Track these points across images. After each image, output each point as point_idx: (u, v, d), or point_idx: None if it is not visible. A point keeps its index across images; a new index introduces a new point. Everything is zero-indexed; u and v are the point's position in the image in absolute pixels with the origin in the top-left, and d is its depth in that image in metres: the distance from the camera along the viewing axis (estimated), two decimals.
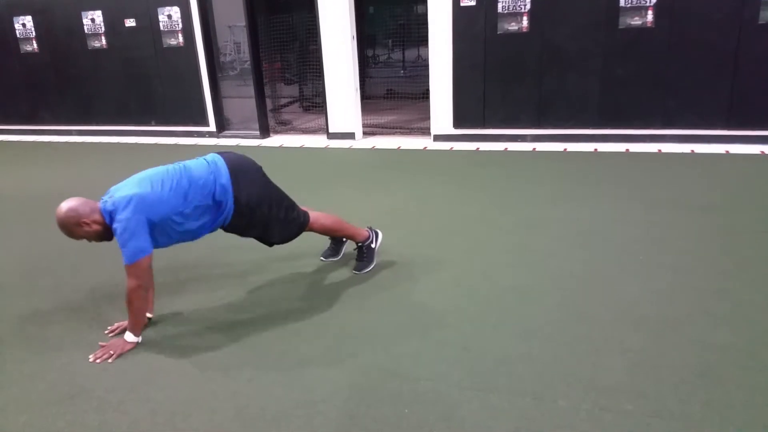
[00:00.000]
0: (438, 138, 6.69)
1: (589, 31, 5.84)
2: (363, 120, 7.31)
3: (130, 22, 7.69)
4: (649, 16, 5.63)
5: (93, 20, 7.87)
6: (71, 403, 2.25)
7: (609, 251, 3.38)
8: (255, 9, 7.35)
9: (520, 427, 1.98)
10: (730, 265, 3.11)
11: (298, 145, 7.07)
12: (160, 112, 8.00)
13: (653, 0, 5.56)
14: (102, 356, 2.52)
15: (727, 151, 5.48)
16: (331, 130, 7.20)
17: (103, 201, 2.55)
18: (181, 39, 7.53)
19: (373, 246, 3.29)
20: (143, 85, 7.95)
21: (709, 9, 5.45)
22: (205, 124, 7.82)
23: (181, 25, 7.47)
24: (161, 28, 7.56)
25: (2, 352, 2.65)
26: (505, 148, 6.17)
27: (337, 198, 4.71)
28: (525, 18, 6.00)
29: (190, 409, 2.17)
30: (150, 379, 2.37)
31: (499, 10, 6.03)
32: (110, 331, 2.75)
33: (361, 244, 3.27)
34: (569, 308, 2.75)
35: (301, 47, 8.00)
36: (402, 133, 7.33)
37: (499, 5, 6.01)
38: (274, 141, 7.43)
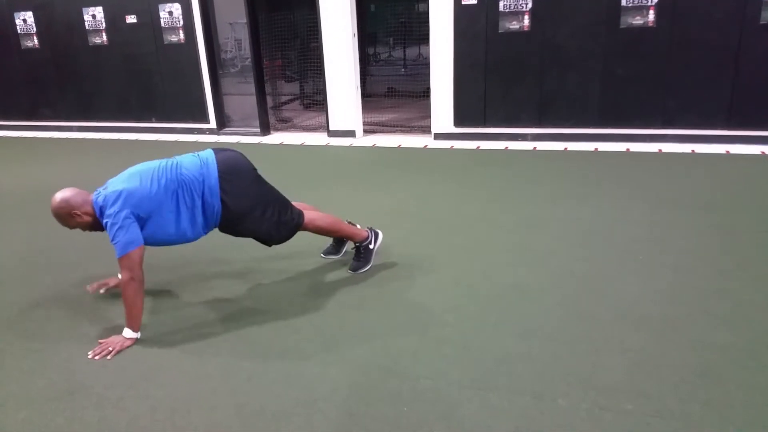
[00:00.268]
0: (438, 136, 6.68)
1: (591, 30, 5.84)
2: (364, 118, 7.30)
3: (131, 19, 7.68)
4: (651, 16, 5.62)
5: (94, 16, 7.86)
6: (70, 399, 2.25)
7: (609, 251, 3.38)
8: (256, 6, 7.34)
9: (520, 426, 1.98)
10: (730, 265, 3.11)
11: (299, 143, 7.06)
12: (160, 108, 7.99)
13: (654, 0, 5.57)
14: (100, 353, 2.52)
15: (728, 152, 5.48)
16: (331, 128, 7.20)
17: (97, 193, 2.62)
18: (182, 35, 7.52)
19: (371, 246, 3.27)
20: (144, 82, 7.94)
21: (711, 9, 5.45)
22: (206, 121, 7.81)
23: (182, 22, 7.46)
24: (162, 25, 7.55)
25: (1, 348, 2.65)
26: (506, 147, 6.17)
27: (337, 196, 4.70)
28: (526, 17, 5.99)
29: (190, 407, 2.17)
30: (149, 376, 2.37)
31: (501, 8, 6.02)
32: (92, 288, 2.98)
33: (358, 244, 3.25)
34: (569, 307, 2.75)
35: (302, 45, 8.00)
36: (402, 132, 7.33)
37: (501, 4, 6.01)
38: (275, 138, 7.42)
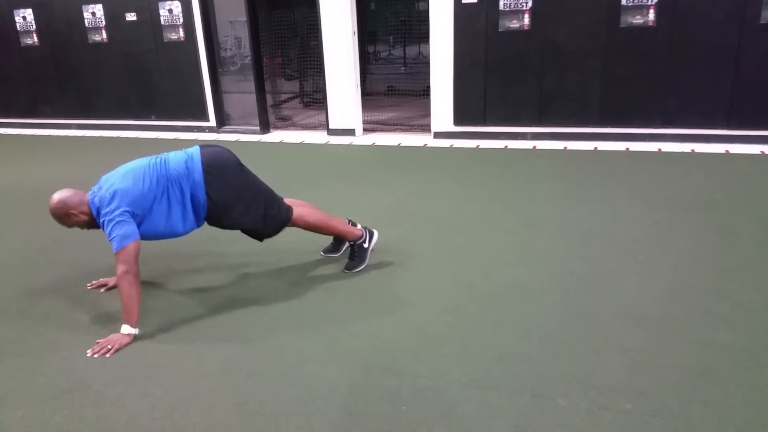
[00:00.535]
0: (438, 135, 6.68)
1: (591, 29, 5.83)
2: (363, 116, 7.30)
3: (131, 16, 7.67)
4: (651, 15, 5.62)
5: (94, 14, 7.84)
6: (69, 397, 2.24)
7: (609, 250, 3.38)
8: (256, 4, 7.34)
9: (519, 426, 1.98)
10: (730, 265, 3.11)
11: (298, 141, 7.05)
12: (160, 106, 7.98)
13: None
14: (99, 351, 2.52)
15: (727, 151, 5.48)
16: (331, 127, 7.19)
17: (92, 192, 2.71)
18: (182, 33, 7.51)
19: (366, 246, 3.25)
20: (143, 80, 7.93)
21: (711, 8, 5.45)
22: (205, 119, 7.80)
23: (182, 20, 7.45)
24: (162, 23, 7.54)
25: (0, 345, 2.65)
26: (506, 146, 6.17)
27: (337, 195, 4.70)
28: (526, 16, 5.98)
29: (189, 405, 2.17)
30: (149, 374, 2.37)
31: (501, 7, 6.02)
32: (92, 285, 3.08)
33: (353, 243, 3.25)
34: (569, 307, 2.75)
35: (302, 43, 7.99)
36: (402, 130, 7.32)
37: (501, 3, 6.00)
38: (274, 137, 7.41)
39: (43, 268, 3.50)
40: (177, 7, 7.41)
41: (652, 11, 5.61)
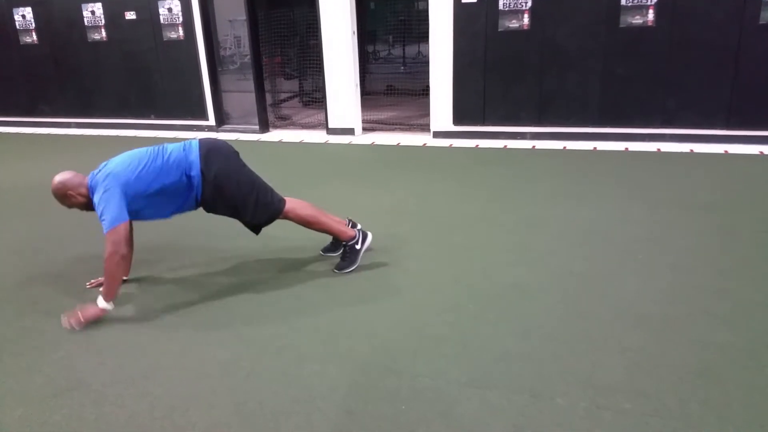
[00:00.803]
0: (438, 134, 6.68)
1: (590, 29, 5.83)
2: (363, 116, 7.30)
3: (131, 15, 7.67)
4: (650, 15, 5.62)
5: (93, 12, 7.84)
6: (68, 396, 2.24)
7: (609, 250, 3.38)
8: (255, 3, 7.33)
9: (518, 425, 1.98)
10: (729, 264, 3.11)
11: (298, 141, 7.05)
12: (159, 105, 7.98)
13: None
14: (72, 323, 2.71)
15: (726, 151, 5.48)
16: (330, 126, 7.19)
17: (92, 175, 2.87)
18: (182, 32, 7.51)
19: (358, 247, 3.25)
20: (143, 79, 7.92)
21: (710, 8, 5.45)
22: (205, 118, 7.80)
23: (181, 19, 7.44)
24: (161, 21, 7.54)
25: (0, 344, 2.64)
26: (505, 146, 6.17)
27: (336, 194, 4.70)
28: (526, 16, 5.98)
29: (189, 405, 2.16)
30: (148, 373, 2.37)
31: (500, 7, 6.02)
32: (91, 285, 3.12)
33: (345, 244, 3.25)
34: (568, 306, 2.75)
35: (302, 42, 7.98)
36: (402, 130, 7.32)
37: (500, 2, 6.00)
38: (274, 136, 7.41)
39: (43, 267, 3.50)
40: (176, 6, 7.41)
41: (651, 11, 5.61)
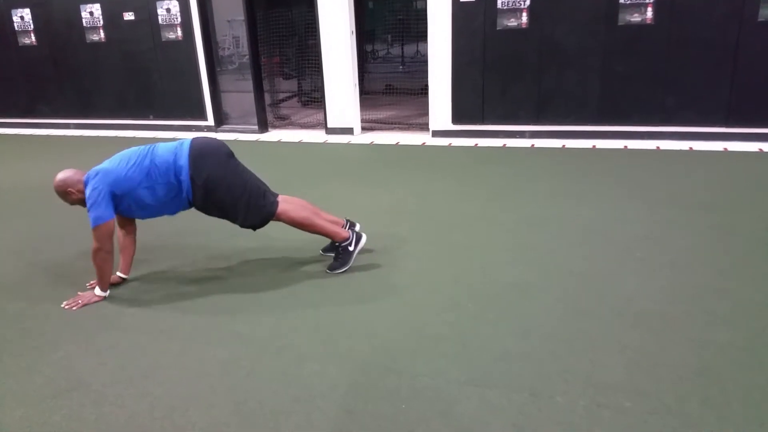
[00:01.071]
0: (436, 134, 6.68)
1: (589, 27, 5.84)
2: (361, 115, 7.30)
3: (129, 16, 7.67)
4: (649, 13, 5.62)
5: (91, 13, 7.84)
6: (68, 396, 2.24)
7: (608, 249, 3.38)
8: (254, 3, 7.33)
9: (518, 424, 1.98)
10: (728, 263, 3.11)
11: (297, 140, 7.05)
12: (158, 105, 7.98)
13: None
14: (71, 303, 2.95)
15: (726, 149, 5.48)
16: (329, 125, 7.19)
17: (89, 173, 2.96)
18: (180, 33, 7.51)
19: (351, 249, 3.24)
20: (142, 79, 7.92)
21: (709, 6, 5.45)
22: (204, 118, 7.80)
23: (179, 19, 7.44)
24: (160, 22, 7.54)
25: (0, 345, 2.65)
26: (504, 144, 6.17)
27: (336, 194, 4.70)
28: (524, 14, 5.99)
29: (188, 404, 2.17)
30: (148, 373, 2.37)
31: (499, 6, 6.02)
32: (91, 285, 3.18)
33: (338, 244, 3.25)
34: (568, 305, 2.75)
35: (300, 42, 7.98)
36: (400, 129, 7.33)
37: (499, 1, 6.00)
38: (273, 136, 7.41)
39: (43, 267, 3.50)
40: (175, 7, 7.41)
41: (650, 9, 5.61)
